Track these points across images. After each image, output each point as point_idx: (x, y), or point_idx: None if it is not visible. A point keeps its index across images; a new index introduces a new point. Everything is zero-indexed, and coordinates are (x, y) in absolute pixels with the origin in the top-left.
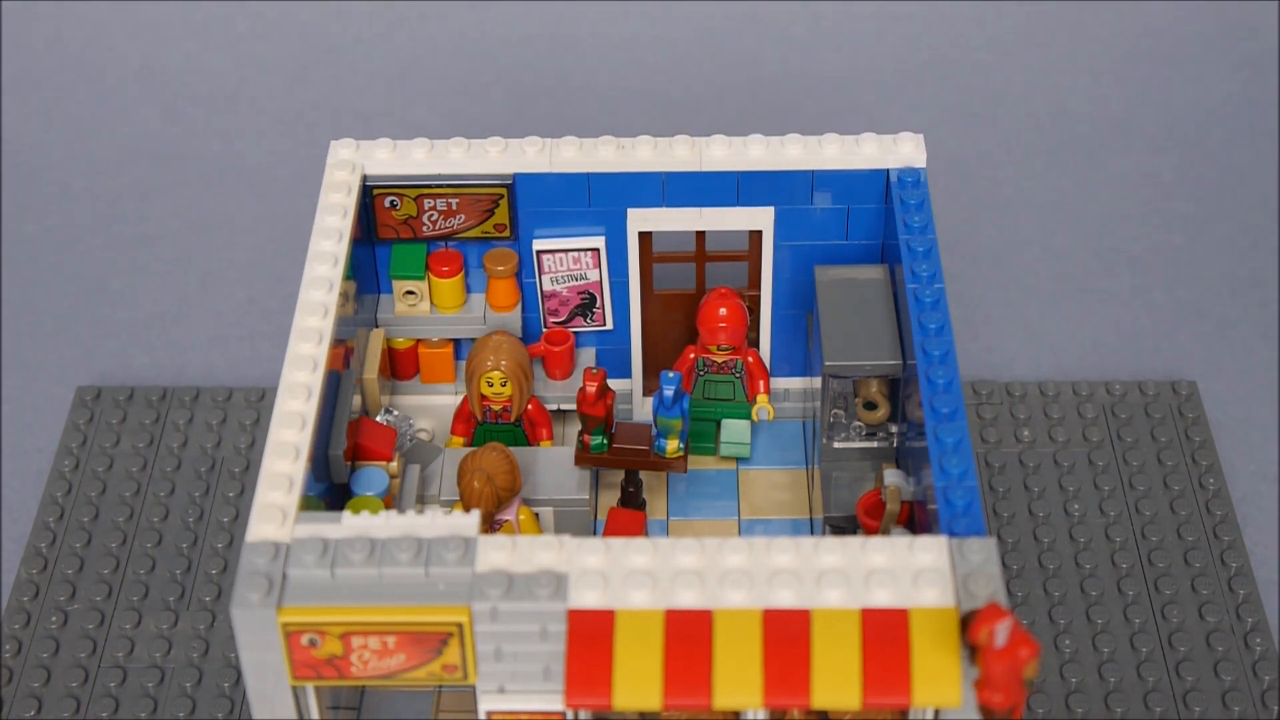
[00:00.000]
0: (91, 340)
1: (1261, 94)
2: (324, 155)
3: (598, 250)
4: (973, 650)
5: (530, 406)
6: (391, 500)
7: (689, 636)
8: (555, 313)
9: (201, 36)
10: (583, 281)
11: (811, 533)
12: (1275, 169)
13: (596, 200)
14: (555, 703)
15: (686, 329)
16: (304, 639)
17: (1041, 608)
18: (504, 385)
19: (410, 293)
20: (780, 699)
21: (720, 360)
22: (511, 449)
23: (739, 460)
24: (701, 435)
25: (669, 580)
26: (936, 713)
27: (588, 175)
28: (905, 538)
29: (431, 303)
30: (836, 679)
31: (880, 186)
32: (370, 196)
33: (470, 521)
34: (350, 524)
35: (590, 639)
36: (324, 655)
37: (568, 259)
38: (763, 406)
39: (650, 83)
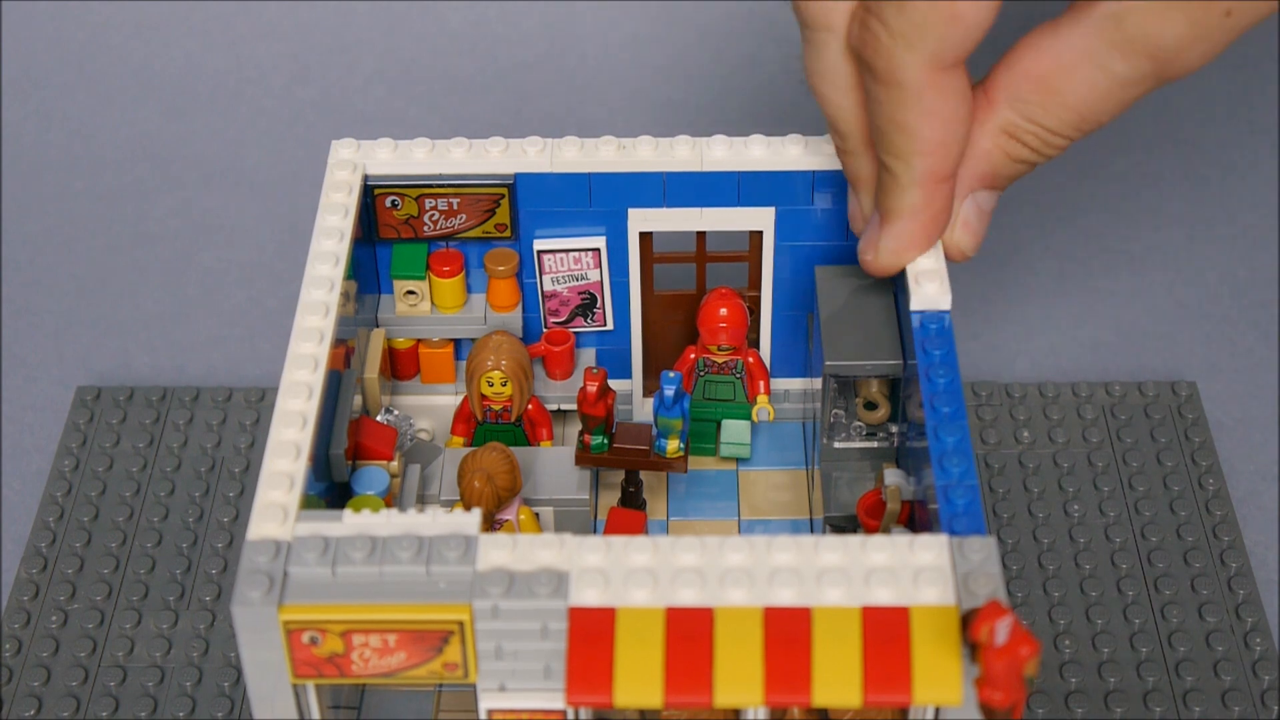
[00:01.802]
0: (91, 340)
1: (1261, 94)
2: (324, 155)
3: (598, 250)
4: (973, 648)
5: (530, 406)
6: (392, 500)
7: (690, 634)
8: (556, 313)
9: (201, 36)
10: (583, 281)
11: (811, 533)
12: (1275, 169)
13: (597, 200)
14: (556, 701)
15: (686, 329)
16: (305, 637)
17: (1041, 608)
18: (504, 385)
19: (411, 293)
20: (781, 697)
21: (720, 360)
22: (511, 449)
23: (739, 460)
24: (701, 435)
25: (670, 578)
26: (937, 711)
27: (588, 175)
28: (906, 536)
29: (432, 303)
30: (837, 677)
31: None
32: (371, 196)
33: (471, 519)
34: (351, 522)
35: (591, 637)
36: (325, 653)
37: (568, 259)
38: (763, 407)
39: (650, 83)
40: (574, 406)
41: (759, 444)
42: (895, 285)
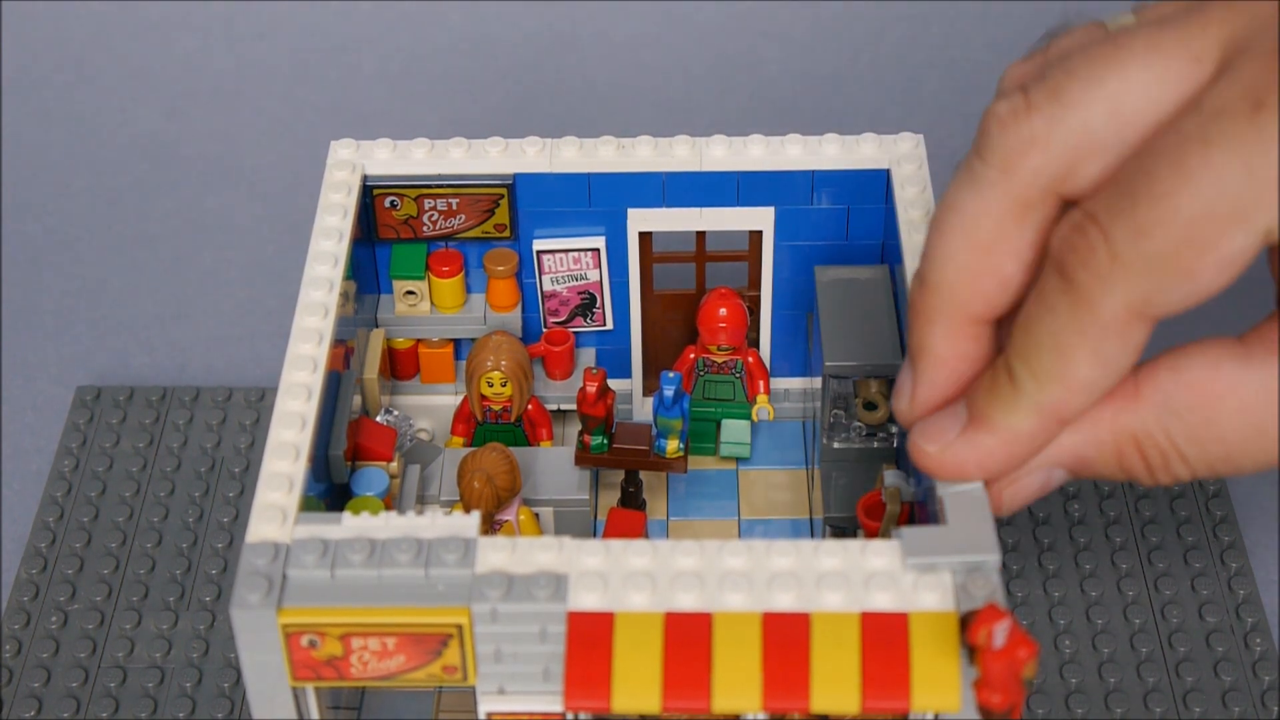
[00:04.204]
0: (91, 340)
1: None
2: (324, 155)
3: (598, 250)
4: (972, 650)
5: (530, 406)
6: (391, 500)
7: (688, 639)
8: (555, 313)
9: (201, 36)
10: (583, 281)
11: (811, 533)
12: None
13: (597, 200)
14: (555, 704)
15: (686, 329)
16: (304, 640)
17: (1041, 608)
18: (504, 385)
19: (410, 293)
20: (779, 702)
21: (720, 360)
22: (511, 449)
23: (739, 460)
24: (701, 435)
25: (668, 582)
26: (936, 716)
27: (588, 175)
28: None
29: (431, 303)
30: (836, 682)
31: (880, 186)
32: (370, 196)
33: (470, 522)
34: (350, 525)
35: (590, 640)
36: (324, 656)
37: (568, 259)
38: (763, 406)
39: (650, 83)
40: (574, 406)
41: (759, 444)
42: (895, 285)
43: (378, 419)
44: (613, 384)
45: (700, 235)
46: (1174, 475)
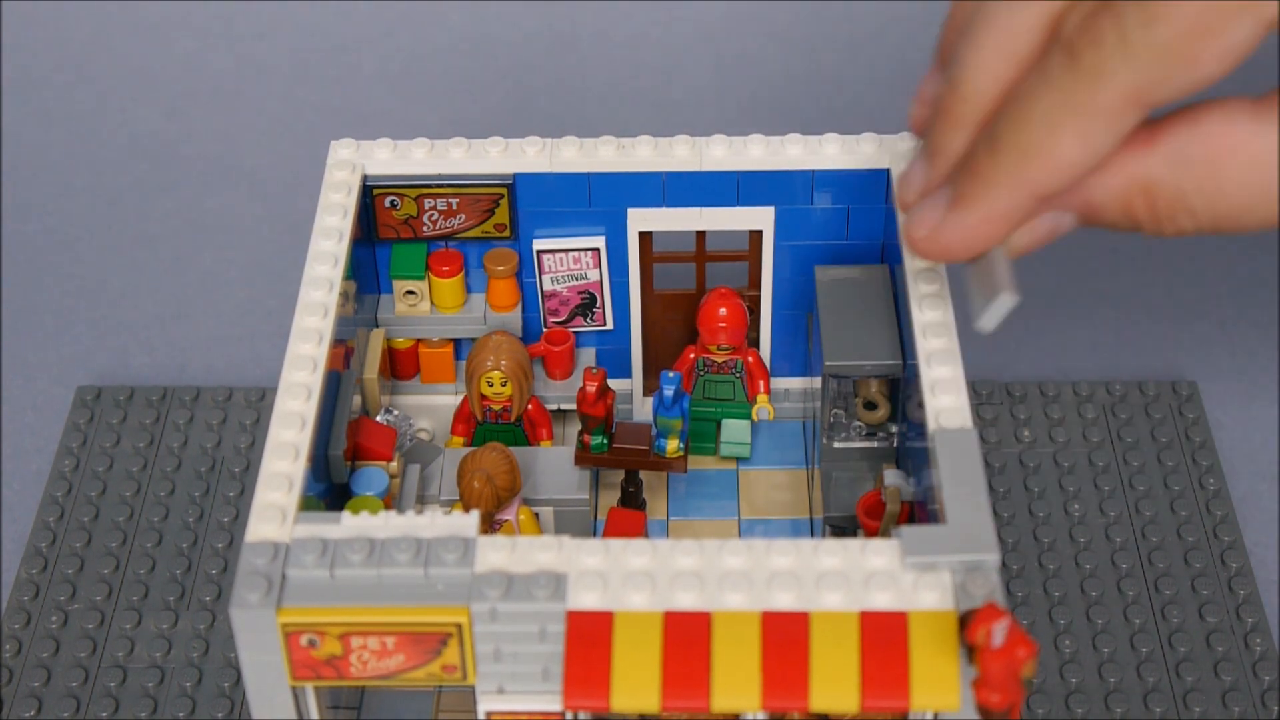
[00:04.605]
0: (91, 340)
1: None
2: (324, 155)
3: (598, 250)
4: (971, 650)
5: (530, 406)
6: (391, 500)
7: (688, 638)
8: (555, 313)
9: (201, 36)
10: (583, 281)
11: (811, 533)
12: None
13: (597, 200)
14: (554, 703)
15: (686, 329)
16: (303, 639)
17: (1041, 608)
18: (504, 385)
19: (410, 293)
20: (779, 701)
21: (720, 360)
22: (511, 449)
23: (739, 460)
24: (701, 435)
25: (668, 582)
26: (935, 715)
27: (588, 175)
28: None
29: (432, 303)
30: (835, 681)
31: (880, 186)
32: (370, 196)
33: (469, 522)
34: (349, 524)
35: (589, 640)
36: (323, 655)
37: (568, 259)
38: (763, 406)
39: (650, 83)
40: (574, 406)
41: (759, 443)
42: (895, 285)
43: (378, 419)
44: (613, 384)
45: (700, 235)
46: (1178, 226)
